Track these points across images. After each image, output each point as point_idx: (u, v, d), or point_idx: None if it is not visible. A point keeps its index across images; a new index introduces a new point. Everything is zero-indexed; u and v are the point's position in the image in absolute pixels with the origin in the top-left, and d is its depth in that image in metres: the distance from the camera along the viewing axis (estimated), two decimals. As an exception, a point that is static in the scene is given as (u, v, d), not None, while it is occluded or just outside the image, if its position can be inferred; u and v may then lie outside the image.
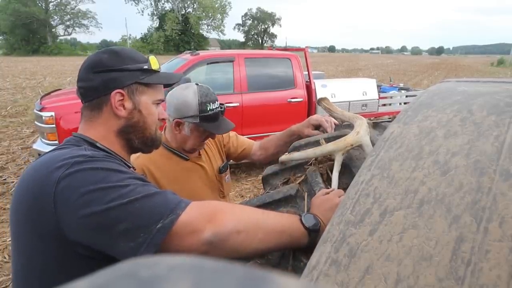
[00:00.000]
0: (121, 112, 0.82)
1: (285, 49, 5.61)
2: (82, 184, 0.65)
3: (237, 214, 0.71)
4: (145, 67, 0.85)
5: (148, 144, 0.89)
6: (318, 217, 0.78)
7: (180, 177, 1.31)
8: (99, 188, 0.65)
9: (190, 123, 1.27)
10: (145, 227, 0.64)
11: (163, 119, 0.92)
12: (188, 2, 54.58)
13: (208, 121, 1.26)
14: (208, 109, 1.24)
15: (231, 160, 1.58)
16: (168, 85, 0.92)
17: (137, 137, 0.86)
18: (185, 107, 1.24)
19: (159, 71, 0.89)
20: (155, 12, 56.59)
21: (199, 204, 0.70)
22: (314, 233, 0.74)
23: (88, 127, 0.83)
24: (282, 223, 0.73)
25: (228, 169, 1.53)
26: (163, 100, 0.91)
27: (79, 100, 0.85)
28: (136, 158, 1.21)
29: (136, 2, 56.22)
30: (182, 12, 53.68)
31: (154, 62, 0.88)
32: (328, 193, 0.85)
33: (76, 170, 0.66)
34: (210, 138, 1.38)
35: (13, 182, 3.98)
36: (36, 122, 3.59)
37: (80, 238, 0.66)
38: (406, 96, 5.65)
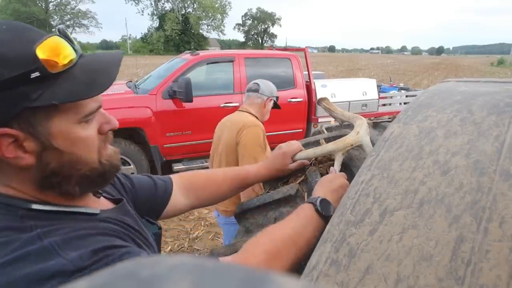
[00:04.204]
0: (23, 161, 0.48)
1: (285, 49, 5.60)
2: None
3: (262, 260, 0.64)
4: (34, 74, 0.45)
5: (97, 182, 0.57)
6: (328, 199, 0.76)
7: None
8: None
9: (273, 101, 1.92)
10: None
11: (112, 129, 0.58)
12: (188, 2, 54.57)
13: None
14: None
15: None
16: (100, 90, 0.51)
17: (74, 183, 0.53)
18: (274, 89, 1.94)
19: (72, 65, 0.49)
20: (155, 12, 56.59)
21: None
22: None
23: (4, 186, 0.51)
24: (301, 231, 0.70)
25: None
26: (99, 107, 0.55)
27: None
28: (255, 126, 1.66)
29: (136, 2, 56.20)
30: (182, 12, 53.67)
31: (54, 50, 0.47)
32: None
33: None
34: None
35: (13, 182, 3.98)
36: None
37: None
38: (406, 96, 5.65)
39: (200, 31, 54.97)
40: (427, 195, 0.48)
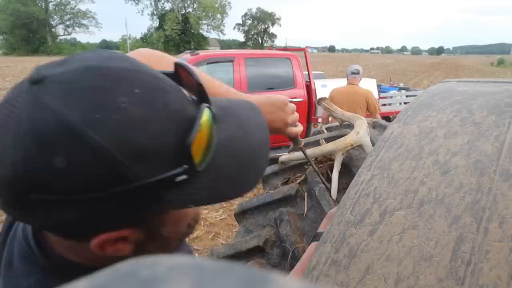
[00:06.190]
0: (120, 253, 0.36)
1: (285, 49, 5.61)
2: None
3: None
4: (180, 178, 0.31)
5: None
6: None
7: None
8: None
9: None
10: None
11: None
12: (188, 2, 54.58)
13: None
14: None
15: None
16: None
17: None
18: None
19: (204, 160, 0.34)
20: (155, 12, 56.58)
21: None
22: None
23: (64, 250, 0.38)
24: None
25: None
26: None
27: None
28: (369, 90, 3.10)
29: (136, 2, 56.19)
30: (182, 12, 53.67)
31: (205, 143, 0.33)
32: None
33: None
34: None
35: (13, 182, 3.98)
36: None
37: None
38: (406, 96, 5.65)
39: (200, 31, 54.96)
40: (427, 195, 0.48)
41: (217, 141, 0.35)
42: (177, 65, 0.36)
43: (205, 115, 0.33)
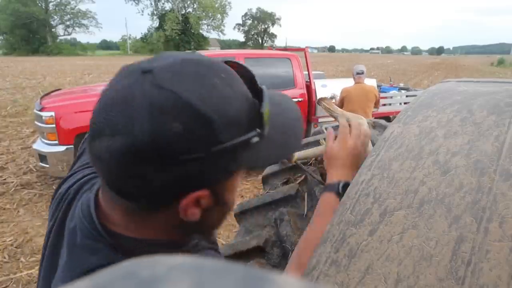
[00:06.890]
0: (193, 217, 0.42)
1: (285, 49, 5.61)
2: None
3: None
4: (255, 139, 0.40)
5: (208, 236, 0.54)
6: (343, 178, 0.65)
7: None
8: None
9: None
10: None
11: None
12: (188, 2, 54.61)
13: None
14: None
15: None
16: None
17: (202, 236, 0.51)
18: None
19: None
20: (155, 12, 56.61)
21: None
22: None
23: (125, 226, 0.44)
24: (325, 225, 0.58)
25: None
26: None
27: (79, 100, 0.72)
28: (375, 87, 4.04)
29: (136, 2, 56.23)
30: (182, 12, 53.70)
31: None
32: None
33: None
34: None
35: (13, 182, 3.98)
36: (36, 122, 3.59)
37: None
38: (406, 96, 5.65)
39: (200, 31, 54.98)
40: (427, 195, 0.48)
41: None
42: (228, 62, 0.45)
43: (267, 93, 0.43)
